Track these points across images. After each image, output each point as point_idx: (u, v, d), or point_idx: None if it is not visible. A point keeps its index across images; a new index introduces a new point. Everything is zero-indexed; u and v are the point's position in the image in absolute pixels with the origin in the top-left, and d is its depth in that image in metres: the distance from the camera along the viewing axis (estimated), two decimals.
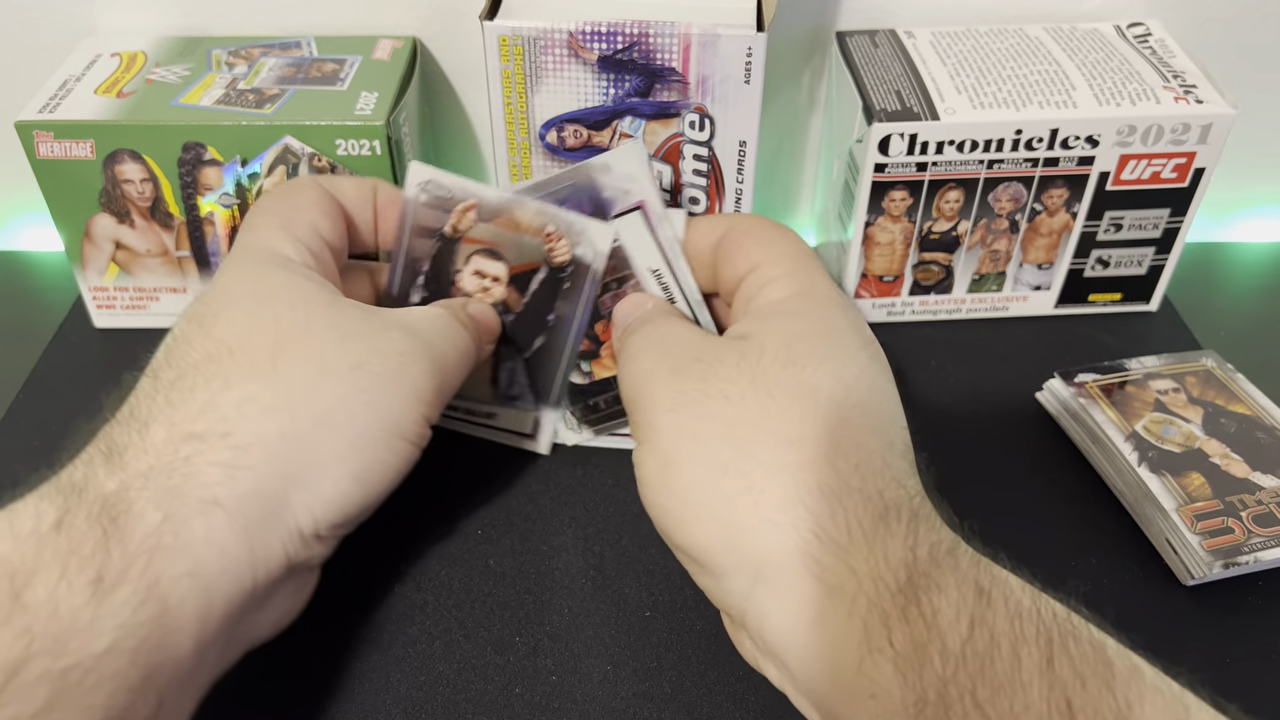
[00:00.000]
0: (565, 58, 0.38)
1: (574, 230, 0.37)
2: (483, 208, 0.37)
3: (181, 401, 0.28)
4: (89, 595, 0.23)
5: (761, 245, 0.35)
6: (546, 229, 0.37)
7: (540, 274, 0.38)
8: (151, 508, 0.26)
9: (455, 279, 0.38)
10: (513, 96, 0.39)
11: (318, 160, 0.41)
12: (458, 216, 0.37)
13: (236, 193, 0.42)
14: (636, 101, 0.39)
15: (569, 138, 0.40)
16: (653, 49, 0.38)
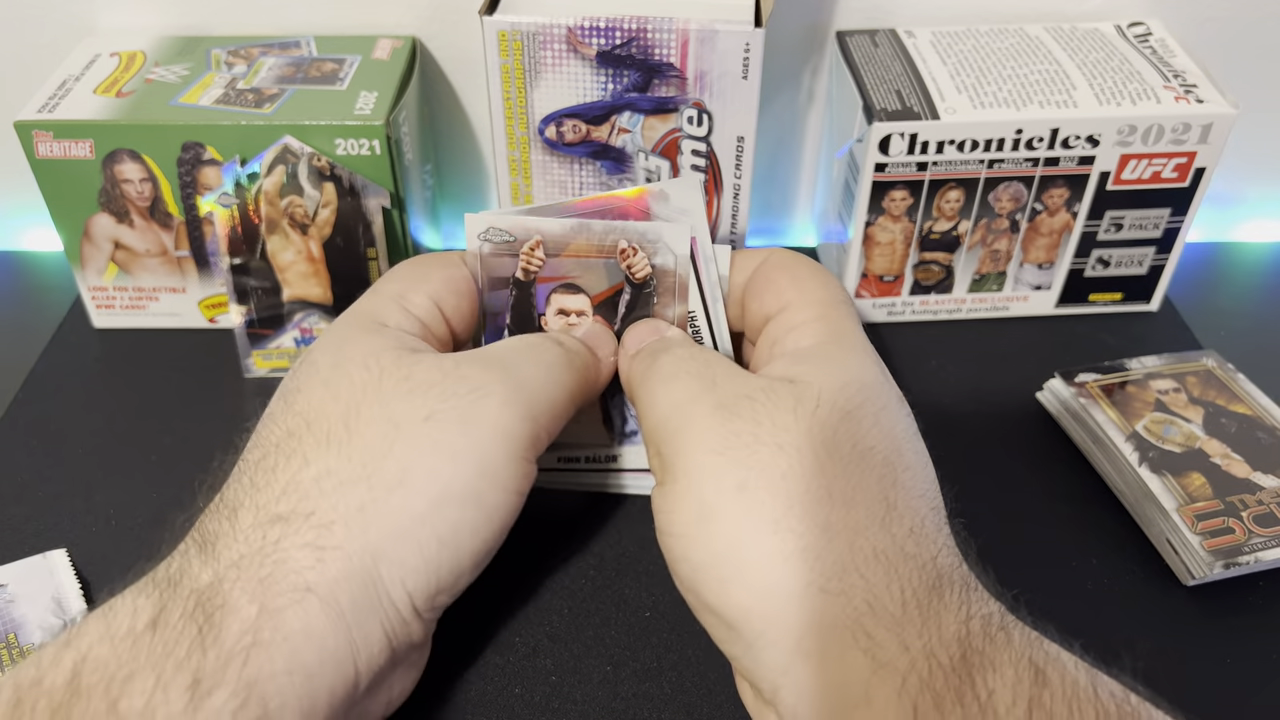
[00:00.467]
0: (564, 53, 0.38)
1: (648, 240, 0.34)
2: (548, 242, 0.34)
3: (265, 483, 0.27)
4: (186, 701, 0.22)
5: (794, 284, 0.32)
6: (619, 246, 0.34)
7: (625, 295, 0.35)
8: (246, 600, 0.24)
9: (541, 324, 0.35)
10: (512, 91, 0.39)
11: (317, 160, 0.41)
12: (525, 258, 0.34)
13: (236, 192, 0.41)
14: (635, 96, 0.39)
15: (568, 132, 0.40)
16: (651, 44, 0.38)
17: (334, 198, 0.41)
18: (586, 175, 0.42)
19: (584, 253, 0.35)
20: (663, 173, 0.41)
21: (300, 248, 0.42)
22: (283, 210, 0.41)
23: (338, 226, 0.42)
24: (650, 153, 0.41)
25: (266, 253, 0.41)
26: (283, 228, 0.41)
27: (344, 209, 0.42)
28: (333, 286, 0.43)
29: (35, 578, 0.37)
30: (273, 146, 0.41)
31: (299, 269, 0.42)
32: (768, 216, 0.55)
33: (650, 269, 0.34)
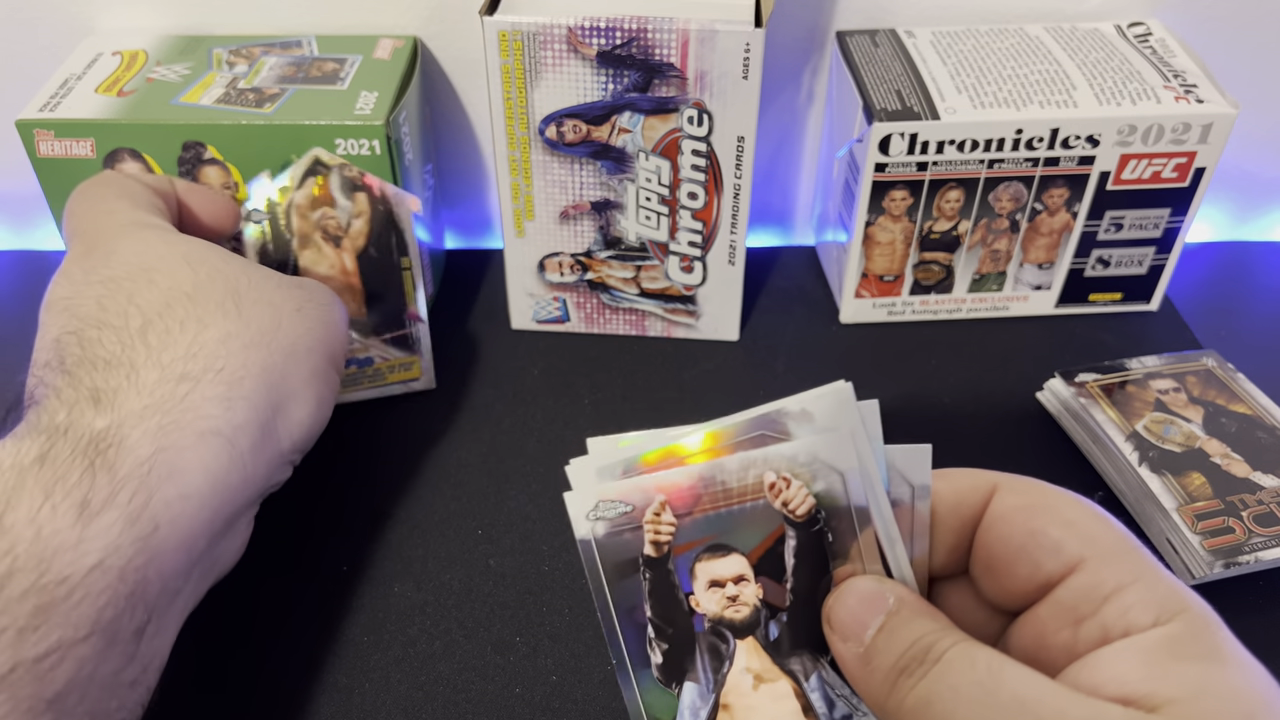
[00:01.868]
0: (564, 53, 0.38)
1: (800, 463, 0.25)
2: (675, 500, 0.26)
3: (162, 345, 0.29)
4: (74, 518, 0.25)
5: (1077, 534, 0.24)
6: (767, 480, 0.26)
7: (790, 541, 0.26)
8: (146, 441, 0.27)
9: (693, 606, 0.27)
10: (512, 91, 0.39)
11: (348, 170, 0.40)
12: (653, 528, 0.26)
13: (268, 208, 0.39)
14: (635, 96, 0.39)
15: (568, 132, 0.40)
16: (651, 44, 0.38)
17: (366, 207, 0.40)
18: (586, 175, 0.42)
19: (724, 501, 0.26)
20: (662, 172, 0.41)
21: (334, 261, 0.40)
22: (315, 223, 0.40)
23: (370, 237, 0.40)
24: (651, 153, 0.41)
25: (299, 269, 0.40)
26: (315, 241, 0.40)
27: (376, 218, 0.40)
28: (367, 300, 0.41)
29: None
30: (303, 158, 0.39)
31: (333, 284, 0.40)
32: (768, 216, 0.55)
33: (813, 500, 0.26)
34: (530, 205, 0.43)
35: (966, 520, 0.25)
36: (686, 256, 0.44)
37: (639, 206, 0.43)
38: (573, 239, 0.44)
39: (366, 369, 0.42)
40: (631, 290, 0.46)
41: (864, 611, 0.24)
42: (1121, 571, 0.23)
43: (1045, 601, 0.24)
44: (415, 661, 0.35)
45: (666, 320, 0.47)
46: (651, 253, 0.44)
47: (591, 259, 0.45)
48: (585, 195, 0.43)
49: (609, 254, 0.45)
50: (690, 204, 0.42)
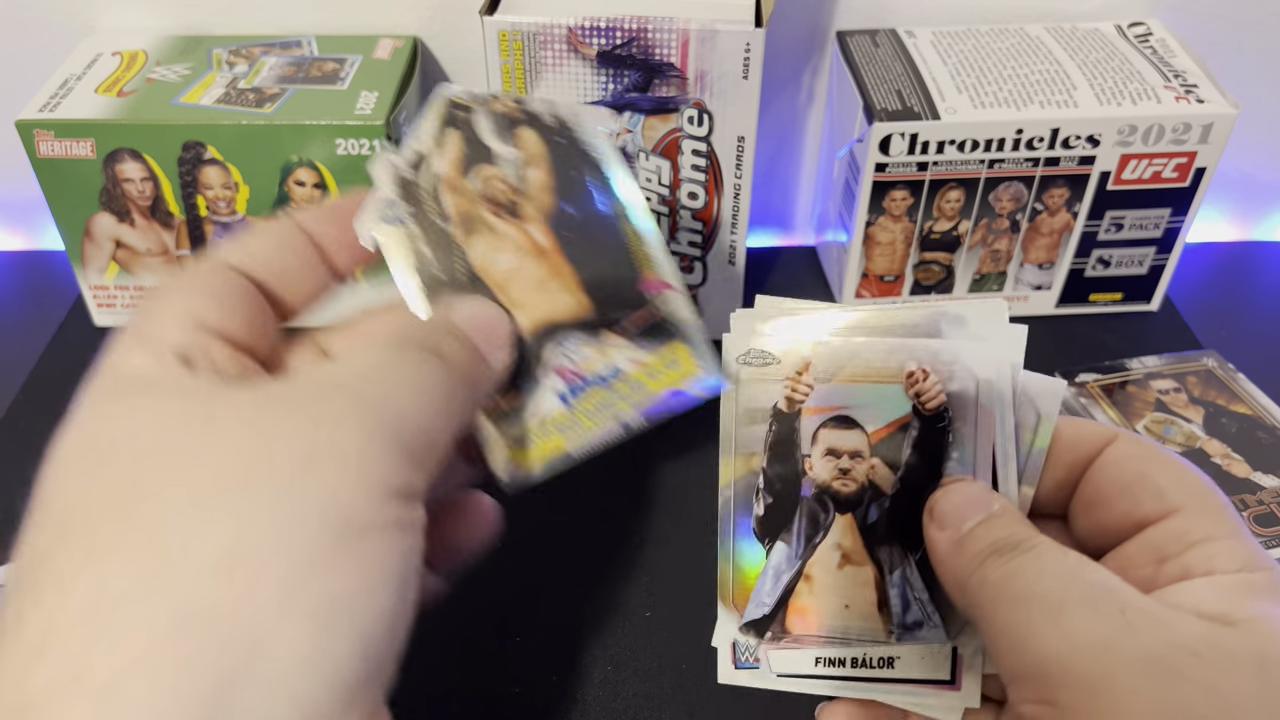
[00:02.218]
0: (564, 53, 0.38)
1: (942, 360, 0.26)
2: (819, 364, 0.27)
3: (16, 636, 0.18)
4: None
5: (1180, 486, 0.24)
6: (906, 369, 0.26)
7: (912, 430, 0.27)
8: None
9: (805, 467, 0.27)
10: (512, 92, 0.39)
11: (496, 102, 0.27)
12: (792, 384, 0.27)
13: (403, 193, 0.26)
14: (635, 96, 0.39)
15: None
16: (651, 44, 0.38)
17: (540, 147, 0.27)
18: None
19: (862, 377, 0.27)
20: (662, 172, 0.41)
21: (519, 241, 0.27)
22: (476, 194, 0.27)
23: (559, 189, 0.27)
24: (651, 153, 0.41)
25: (473, 268, 0.26)
26: (484, 221, 0.27)
27: (559, 158, 0.27)
28: (585, 284, 0.27)
29: None
30: (430, 105, 0.27)
31: (528, 274, 0.27)
32: (768, 216, 0.55)
33: (945, 398, 0.26)
34: None
35: (1080, 460, 0.26)
36: (686, 257, 0.44)
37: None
38: None
39: (616, 384, 0.27)
40: None
41: (967, 507, 0.25)
42: (1215, 525, 0.23)
43: (1134, 540, 0.24)
44: (415, 660, 0.35)
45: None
46: None
47: None
48: None
49: None
50: (690, 204, 0.42)
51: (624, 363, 0.27)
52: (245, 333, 0.24)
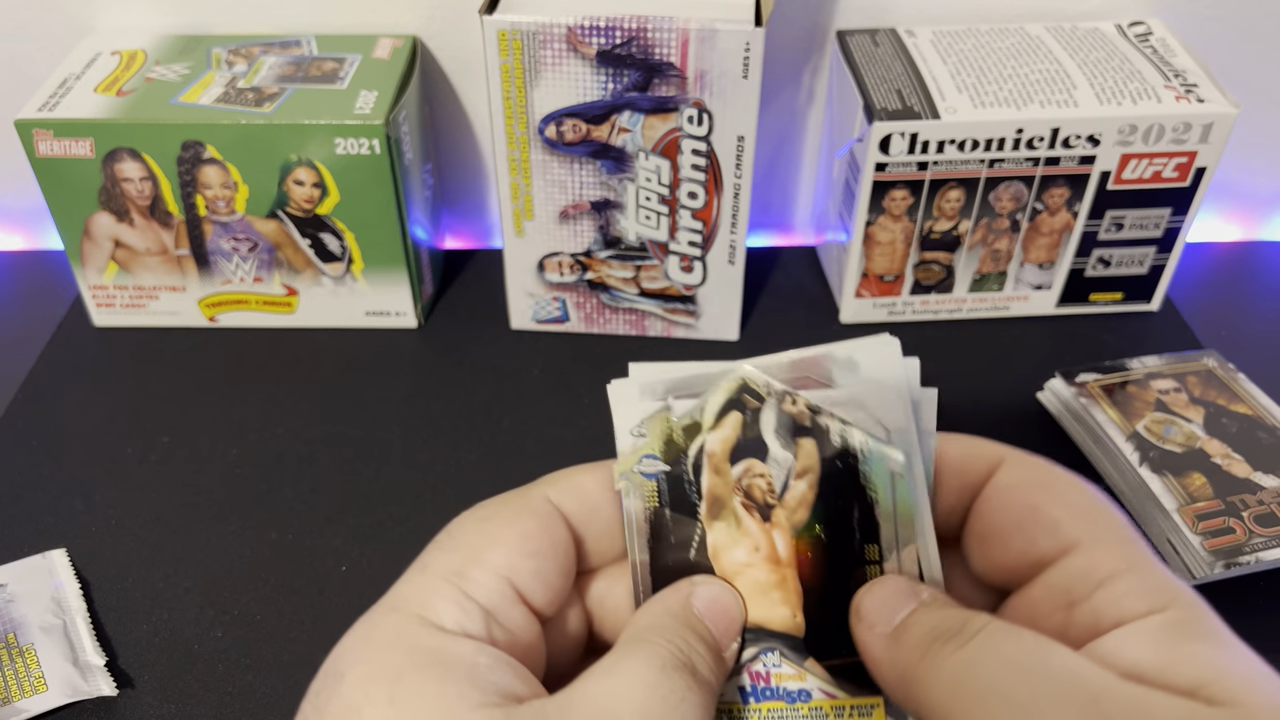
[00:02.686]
0: (564, 52, 0.38)
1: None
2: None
3: None
4: None
5: (1075, 515, 0.23)
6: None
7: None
8: None
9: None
10: (512, 91, 0.39)
11: (791, 402, 0.26)
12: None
13: (665, 452, 0.26)
14: (635, 96, 0.39)
15: (568, 132, 0.40)
16: (651, 44, 0.37)
17: (814, 462, 0.26)
18: (586, 175, 0.42)
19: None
20: (662, 172, 0.41)
21: (759, 543, 0.26)
22: (735, 483, 0.26)
23: (819, 509, 0.26)
24: (650, 152, 0.41)
25: (705, 550, 0.26)
26: (733, 510, 0.26)
27: (830, 480, 0.26)
28: (807, 606, 0.26)
29: (35, 577, 0.37)
30: (723, 383, 0.26)
31: (754, 577, 0.26)
32: (768, 216, 0.55)
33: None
34: (530, 205, 0.43)
35: (968, 487, 0.24)
36: (686, 256, 0.44)
37: (639, 206, 0.43)
38: (572, 239, 0.44)
39: (801, 705, 0.26)
40: (631, 290, 0.46)
41: (894, 600, 0.24)
42: (1116, 558, 0.22)
43: (1037, 583, 0.23)
44: None
45: (666, 320, 0.47)
46: (651, 252, 0.44)
47: (591, 259, 0.45)
48: (585, 195, 0.43)
49: (609, 254, 0.45)
50: (690, 203, 0.42)
51: (817, 691, 0.26)
52: (547, 600, 0.24)
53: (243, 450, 0.42)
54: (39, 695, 0.33)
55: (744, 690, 0.26)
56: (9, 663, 0.34)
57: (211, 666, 0.35)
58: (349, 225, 0.44)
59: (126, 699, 0.34)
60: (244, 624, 0.36)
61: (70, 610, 0.36)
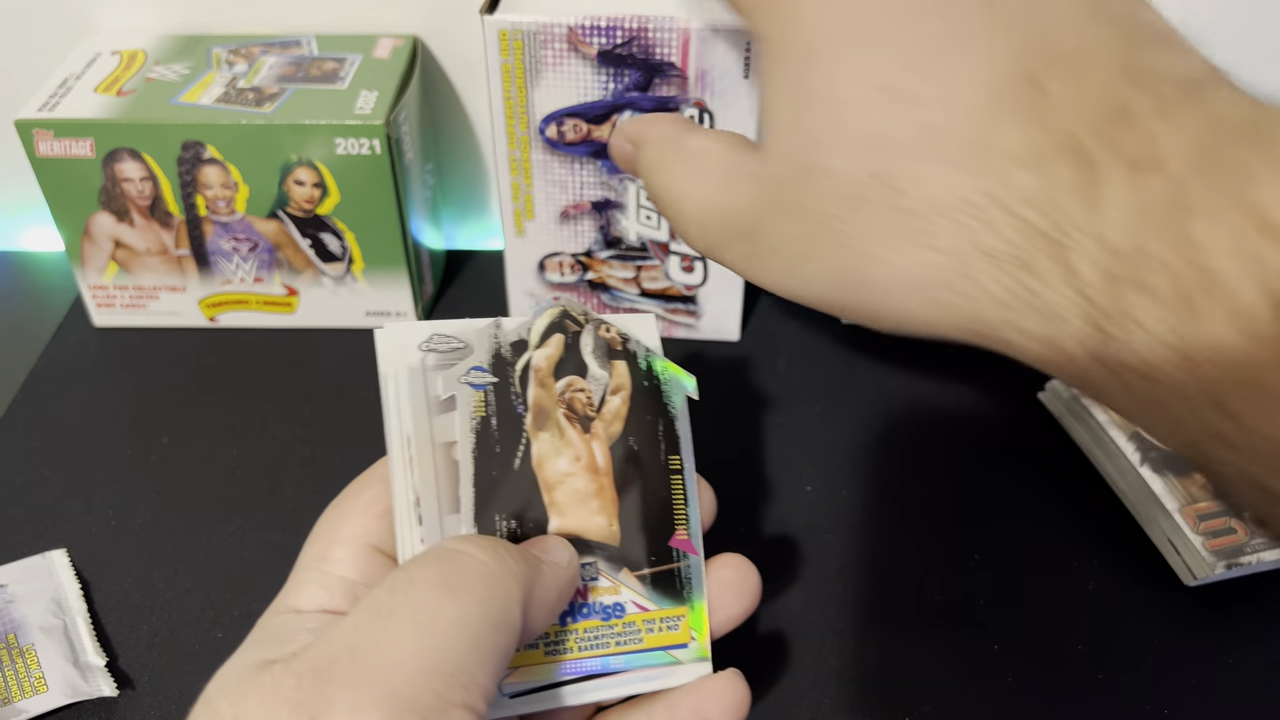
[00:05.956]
0: (565, 52, 0.38)
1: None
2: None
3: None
4: None
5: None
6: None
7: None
8: None
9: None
10: (512, 90, 0.39)
11: (605, 329, 0.30)
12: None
13: (494, 367, 0.28)
14: (635, 96, 0.39)
15: (568, 131, 0.40)
16: (652, 43, 0.37)
17: (627, 381, 0.29)
18: (587, 175, 0.42)
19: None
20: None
21: (580, 452, 0.28)
22: (558, 397, 0.28)
23: (630, 423, 0.29)
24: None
25: (530, 460, 0.27)
26: (556, 421, 0.28)
27: (640, 398, 0.29)
28: (622, 515, 0.28)
29: (35, 578, 0.37)
30: (545, 308, 0.29)
31: (575, 486, 0.28)
32: None
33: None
34: (530, 205, 0.43)
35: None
36: (687, 257, 0.44)
37: (639, 206, 0.43)
38: (573, 239, 0.44)
39: (615, 622, 0.28)
40: (632, 290, 0.46)
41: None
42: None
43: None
44: None
45: (667, 320, 0.47)
46: (652, 253, 0.44)
47: (592, 259, 0.45)
48: (585, 195, 0.43)
49: (609, 254, 0.45)
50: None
51: (630, 604, 0.27)
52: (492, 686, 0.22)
53: (243, 450, 0.42)
54: (39, 695, 0.33)
55: (564, 613, 0.27)
56: (9, 663, 0.34)
57: (211, 666, 0.35)
58: (349, 225, 0.44)
59: (127, 699, 0.34)
60: (244, 624, 0.36)
61: (70, 610, 0.36)
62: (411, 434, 0.26)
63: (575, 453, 0.28)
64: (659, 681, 0.27)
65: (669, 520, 0.28)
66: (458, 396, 0.27)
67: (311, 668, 0.20)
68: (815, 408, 0.44)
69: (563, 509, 0.27)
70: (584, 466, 0.28)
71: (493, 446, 0.27)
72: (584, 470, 0.28)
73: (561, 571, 0.25)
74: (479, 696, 0.21)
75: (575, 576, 0.26)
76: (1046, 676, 0.34)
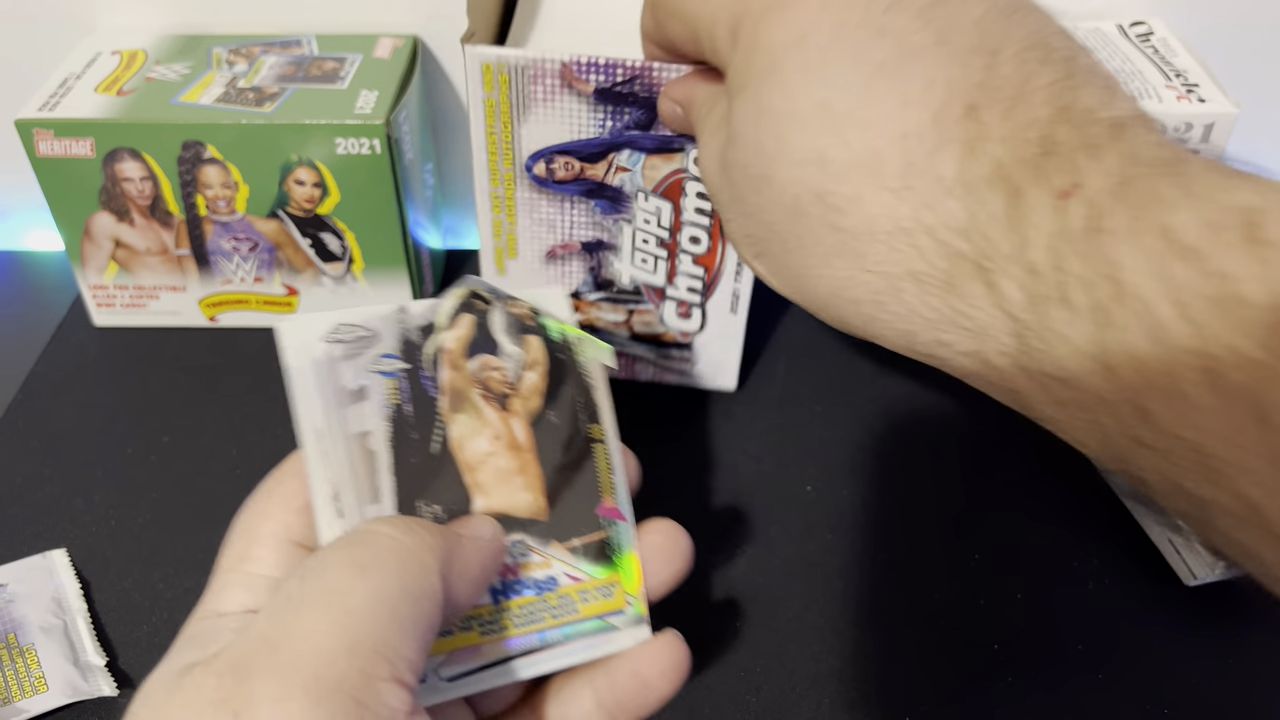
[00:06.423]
0: (556, 88, 0.35)
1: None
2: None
3: None
4: None
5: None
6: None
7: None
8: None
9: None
10: (496, 126, 0.37)
11: (514, 305, 0.30)
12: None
13: (404, 352, 0.28)
14: (636, 135, 0.36)
15: (559, 169, 0.38)
16: (656, 81, 0.35)
17: (542, 356, 0.29)
18: (578, 215, 0.39)
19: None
20: (662, 213, 0.38)
21: (499, 431, 0.28)
22: (472, 377, 0.28)
23: (548, 397, 0.29)
24: (651, 193, 0.38)
25: (448, 444, 0.28)
26: (472, 401, 0.28)
27: (556, 372, 0.29)
28: (548, 491, 0.28)
29: (35, 577, 0.37)
30: (453, 289, 0.29)
31: (497, 465, 0.28)
32: None
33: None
34: (513, 243, 0.41)
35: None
36: (685, 303, 0.41)
37: (635, 249, 0.40)
38: (560, 279, 0.41)
39: (548, 595, 0.28)
40: (623, 334, 0.43)
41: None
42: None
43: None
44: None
45: (658, 367, 0.44)
46: (647, 297, 0.42)
47: (580, 300, 0.42)
48: (575, 235, 0.40)
49: (599, 296, 0.42)
50: (692, 248, 0.40)
51: (562, 576, 0.28)
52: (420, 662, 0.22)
53: (242, 450, 0.42)
54: (39, 695, 0.33)
55: (493, 589, 0.27)
56: (9, 663, 0.34)
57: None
58: (349, 225, 0.44)
59: (127, 699, 0.34)
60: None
61: (70, 610, 0.36)
62: (323, 427, 0.26)
63: (494, 431, 0.28)
64: (598, 649, 0.27)
65: (595, 490, 0.28)
66: (369, 386, 0.27)
67: (231, 665, 0.20)
68: (815, 408, 0.44)
69: (486, 489, 0.27)
70: (505, 445, 0.28)
71: (409, 433, 0.27)
72: (505, 448, 0.28)
73: (484, 544, 0.25)
74: (406, 669, 0.21)
75: (500, 550, 0.26)
76: (1046, 676, 0.34)
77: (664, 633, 0.28)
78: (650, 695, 0.27)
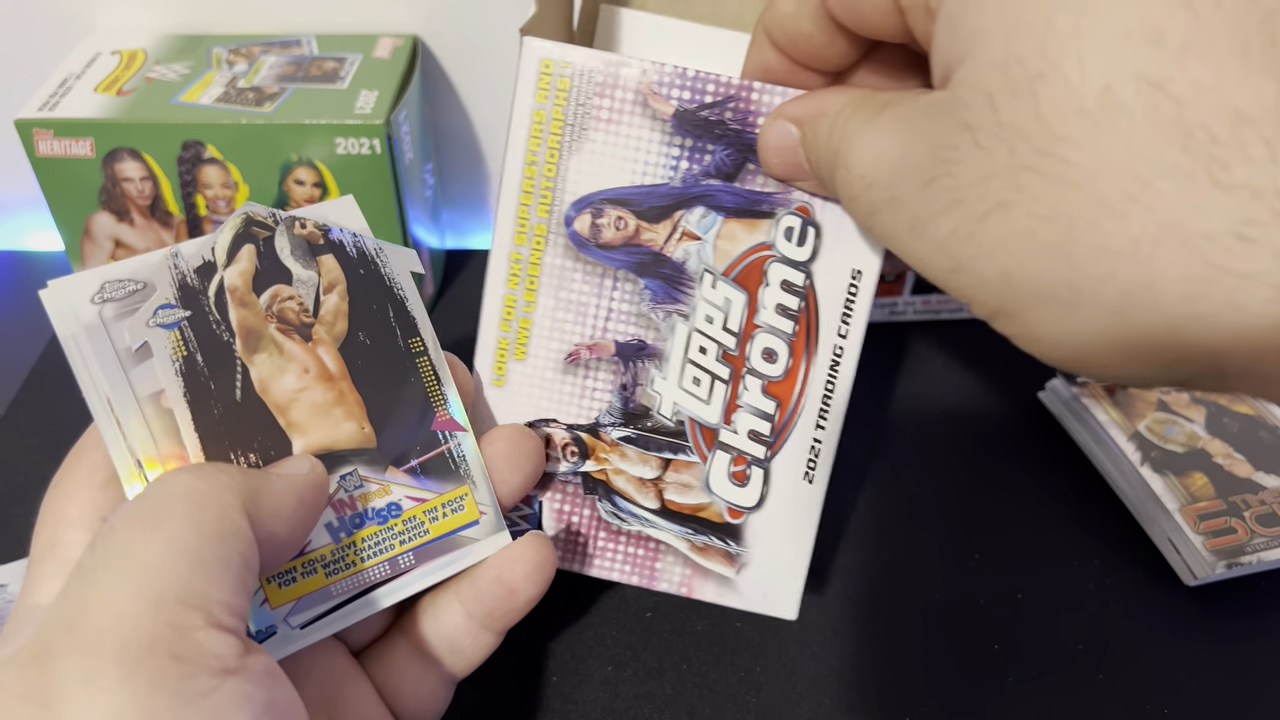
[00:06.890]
0: (628, 105, 0.27)
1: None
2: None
3: None
4: None
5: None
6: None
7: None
8: None
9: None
10: (539, 152, 0.28)
11: (299, 226, 0.27)
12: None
13: (182, 300, 0.25)
14: (717, 186, 0.28)
15: (607, 227, 0.28)
16: (754, 111, 0.27)
17: (340, 275, 0.27)
18: (621, 300, 0.29)
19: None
20: (732, 306, 0.29)
21: (306, 363, 0.26)
22: (265, 312, 0.26)
23: (355, 318, 0.27)
24: (722, 276, 0.28)
25: (252, 387, 0.26)
26: (271, 339, 0.26)
27: (359, 287, 0.27)
28: (372, 415, 0.27)
29: None
30: (228, 221, 0.26)
31: (311, 400, 0.26)
32: None
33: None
34: (525, 336, 0.29)
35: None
36: (743, 456, 0.30)
37: (687, 360, 0.29)
38: (576, 399, 0.30)
39: (393, 521, 0.27)
40: (648, 500, 0.30)
41: (821, 98, 0.24)
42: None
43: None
44: None
45: (690, 563, 0.31)
46: (691, 441, 0.30)
47: (598, 438, 0.30)
48: (610, 331, 0.29)
49: (625, 433, 0.30)
50: (765, 368, 0.29)
51: (405, 500, 0.26)
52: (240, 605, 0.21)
53: None
54: None
55: (331, 528, 0.26)
56: None
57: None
58: None
59: None
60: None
61: None
62: (111, 394, 0.25)
63: (302, 365, 0.26)
64: (457, 564, 0.27)
65: (426, 405, 0.27)
66: (150, 342, 0.25)
67: (33, 655, 0.19)
68: None
69: (304, 427, 0.26)
70: (315, 377, 0.26)
71: (206, 384, 0.25)
72: (316, 381, 0.26)
73: (297, 479, 0.24)
74: (223, 612, 0.20)
75: (319, 483, 0.25)
76: (1046, 676, 0.34)
77: (526, 535, 0.28)
78: (517, 599, 0.27)
